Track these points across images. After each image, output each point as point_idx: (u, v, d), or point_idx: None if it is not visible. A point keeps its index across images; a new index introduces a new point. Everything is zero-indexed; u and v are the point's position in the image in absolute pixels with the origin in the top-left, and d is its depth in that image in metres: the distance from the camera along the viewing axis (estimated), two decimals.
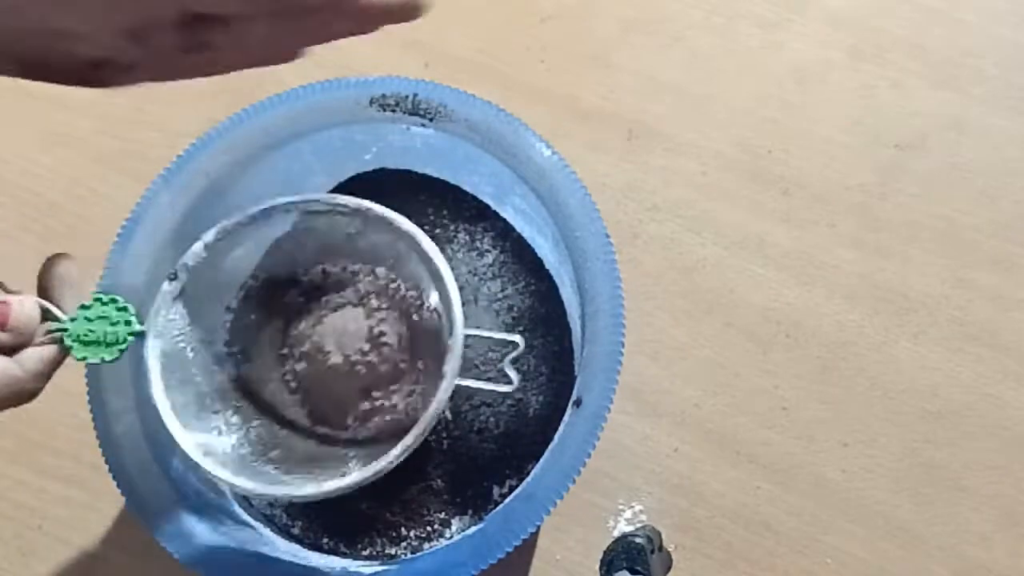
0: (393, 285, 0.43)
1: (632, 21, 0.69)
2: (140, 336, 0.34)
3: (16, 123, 0.64)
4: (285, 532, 0.47)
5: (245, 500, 0.48)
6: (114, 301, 0.33)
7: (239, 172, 0.45)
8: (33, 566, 0.53)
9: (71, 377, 0.41)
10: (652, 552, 0.50)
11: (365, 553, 0.47)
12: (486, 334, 0.41)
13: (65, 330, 0.31)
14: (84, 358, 0.32)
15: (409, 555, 0.47)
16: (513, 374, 0.39)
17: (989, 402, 0.58)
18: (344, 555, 0.47)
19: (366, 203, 0.39)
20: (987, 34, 0.69)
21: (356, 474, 0.35)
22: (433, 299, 0.39)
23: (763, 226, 0.62)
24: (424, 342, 0.42)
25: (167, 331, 0.37)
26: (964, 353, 0.59)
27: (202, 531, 0.39)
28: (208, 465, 0.35)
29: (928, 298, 0.60)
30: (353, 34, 0.29)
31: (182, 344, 0.39)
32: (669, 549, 0.53)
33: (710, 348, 0.59)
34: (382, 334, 0.43)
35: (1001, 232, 0.62)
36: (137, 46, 0.28)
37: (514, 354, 0.39)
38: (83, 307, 0.32)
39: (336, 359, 0.43)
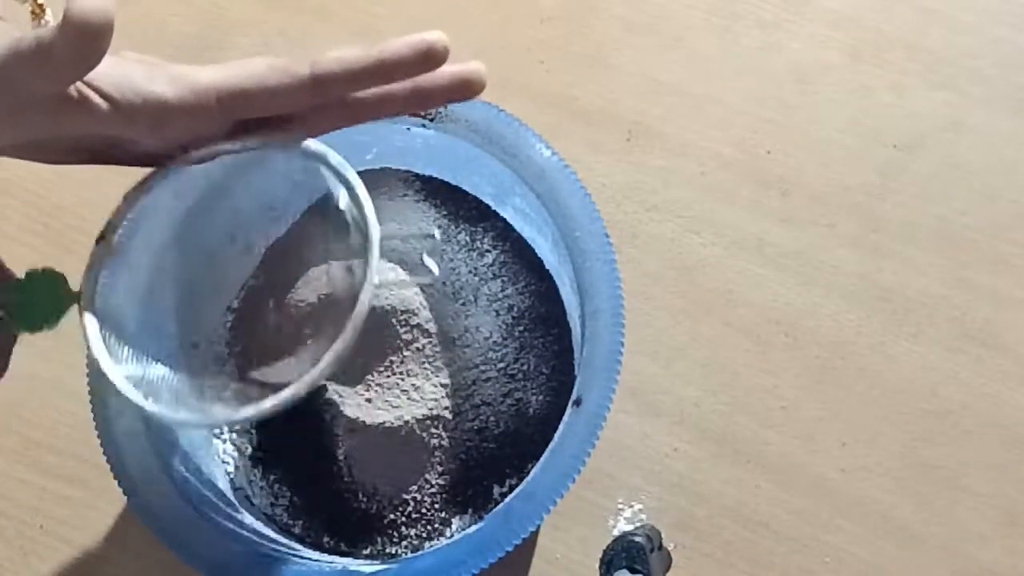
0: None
1: (632, 21, 0.69)
2: (77, 300, 0.33)
3: None
4: (286, 531, 0.48)
5: (247, 499, 0.48)
6: (47, 272, 0.33)
7: (240, 173, 0.45)
8: (35, 565, 0.53)
9: (72, 376, 0.41)
10: (652, 551, 0.50)
11: (366, 552, 0.47)
12: (402, 233, 0.40)
13: (4, 309, 0.32)
14: (28, 330, 0.32)
15: (409, 554, 0.47)
16: (432, 265, 0.39)
17: (988, 401, 0.58)
18: (345, 554, 0.47)
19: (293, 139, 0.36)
20: (986, 34, 0.69)
21: (290, 389, 0.30)
22: (343, 201, 0.36)
23: (762, 226, 0.62)
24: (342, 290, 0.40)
25: (105, 292, 0.35)
26: (963, 353, 0.59)
27: (203, 530, 0.40)
28: (137, 398, 0.34)
29: (927, 298, 0.60)
30: (405, 114, 0.31)
31: (125, 308, 0.37)
32: (668, 548, 0.53)
33: (709, 348, 0.59)
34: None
35: (1000, 232, 0.62)
36: (194, 149, 0.31)
37: (430, 245, 0.39)
38: (18, 283, 0.32)
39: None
